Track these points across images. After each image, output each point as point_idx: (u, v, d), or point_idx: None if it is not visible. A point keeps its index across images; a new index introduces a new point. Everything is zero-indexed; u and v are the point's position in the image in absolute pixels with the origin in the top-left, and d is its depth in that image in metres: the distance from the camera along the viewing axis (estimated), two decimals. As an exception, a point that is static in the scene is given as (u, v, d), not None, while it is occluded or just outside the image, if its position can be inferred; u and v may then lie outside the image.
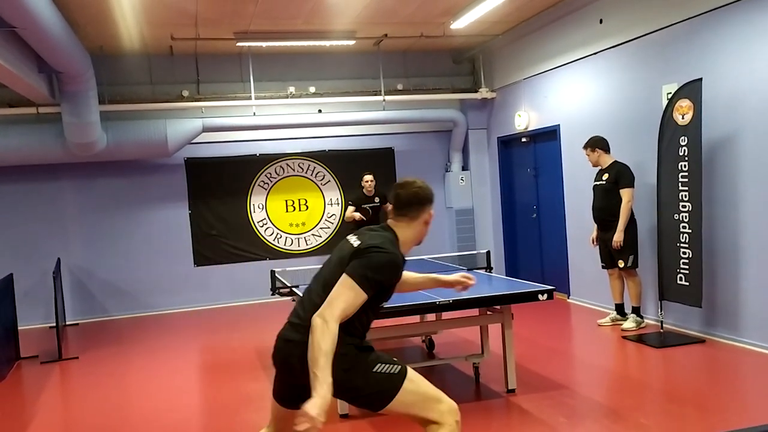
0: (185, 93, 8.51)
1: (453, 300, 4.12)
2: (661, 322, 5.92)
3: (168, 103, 8.36)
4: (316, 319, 2.40)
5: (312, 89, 8.99)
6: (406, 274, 3.01)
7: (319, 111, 9.09)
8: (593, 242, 6.51)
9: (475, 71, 9.64)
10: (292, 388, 2.59)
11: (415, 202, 2.71)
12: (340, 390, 2.48)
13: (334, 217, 9.49)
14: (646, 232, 6.19)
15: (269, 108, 8.77)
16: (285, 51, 8.75)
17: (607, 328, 6.39)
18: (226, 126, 8.59)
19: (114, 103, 8.10)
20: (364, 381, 2.53)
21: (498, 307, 4.54)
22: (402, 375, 2.56)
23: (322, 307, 2.45)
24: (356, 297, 2.48)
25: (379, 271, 2.52)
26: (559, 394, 4.51)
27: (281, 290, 5.06)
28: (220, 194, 8.99)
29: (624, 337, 5.95)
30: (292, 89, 8.90)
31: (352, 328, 2.54)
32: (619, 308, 6.48)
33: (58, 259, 7.93)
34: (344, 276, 2.51)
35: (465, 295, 4.25)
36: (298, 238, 9.38)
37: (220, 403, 4.86)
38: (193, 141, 8.57)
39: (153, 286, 8.69)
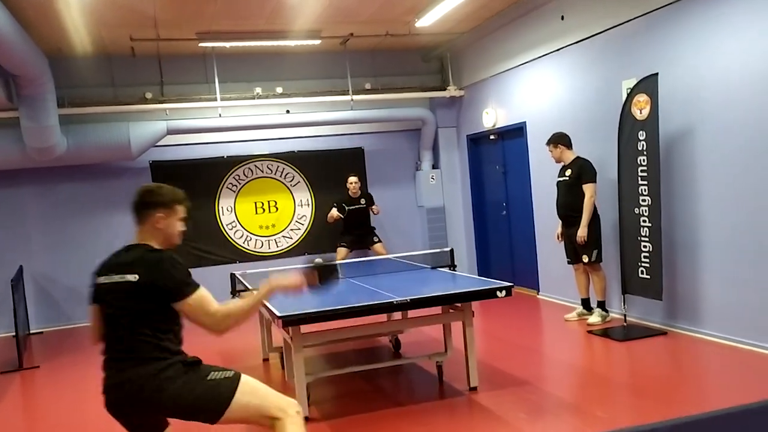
0: (148, 95, 8.39)
1: (411, 299, 4.09)
2: (625, 315, 5.96)
3: (130, 105, 8.24)
4: (217, 322, 2.69)
5: (279, 90, 8.92)
6: None
7: (287, 112, 9.03)
8: (558, 238, 6.53)
9: (444, 69, 9.64)
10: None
11: (142, 207, 2.80)
12: (176, 408, 2.53)
13: (304, 218, 9.42)
14: (609, 226, 6.22)
15: (235, 109, 8.69)
16: (250, 51, 8.67)
17: (573, 323, 6.42)
18: (191, 128, 8.49)
19: (74, 106, 7.96)
20: (200, 391, 2.53)
21: (459, 305, 4.53)
22: (236, 378, 2.59)
23: (213, 317, 2.67)
24: (206, 296, 2.71)
25: (187, 274, 2.71)
26: (521, 390, 4.51)
27: (242, 293, 4.99)
28: (187, 197, 8.86)
29: (589, 332, 5.97)
30: (258, 90, 8.82)
31: (170, 344, 2.61)
32: (585, 303, 6.51)
33: (20, 266, 7.78)
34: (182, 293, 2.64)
35: (424, 293, 4.25)
36: (269, 240, 9.30)
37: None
38: (158, 143, 8.46)
39: (120, 292, 8.53)
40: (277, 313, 3.91)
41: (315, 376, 4.71)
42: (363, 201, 8.75)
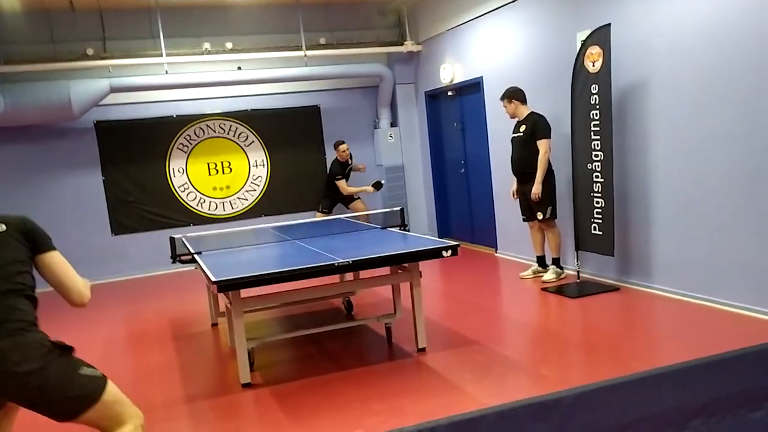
0: (90, 51, 7.98)
1: (353, 261, 3.95)
2: (578, 272, 5.92)
3: (71, 62, 7.83)
4: (83, 299, 2.64)
5: (229, 45, 8.56)
6: None
7: (239, 68, 8.69)
8: (513, 195, 6.43)
9: (401, 23, 9.35)
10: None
11: None
12: (36, 392, 2.27)
13: (260, 179, 9.18)
14: (564, 183, 6.13)
15: (183, 66, 8.34)
16: (198, 4, 8.28)
17: (528, 281, 6.37)
18: (136, 86, 8.12)
19: (11, 63, 7.55)
20: (68, 382, 2.33)
21: (406, 266, 4.41)
22: (104, 380, 2.44)
23: (72, 289, 2.58)
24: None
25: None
26: (470, 350, 4.44)
27: (182, 258, 4.80)
28: (135, 159, 8.56)
29: (544, 289, 5.93)
30: (207, 45, 8.46)
31: (36, 317, 2.45)
32: (541, 260, 6.46)
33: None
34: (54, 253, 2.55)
35: (367, 254, 4.12)
36: (223, 202, 9.06)
37: (119, 378, 4.62)
38: (102, 103, 8.10)
39: (68, 258, 8.23)
40: (212, 278, 3.74)
41: (260, 340, 4.58)
42: (350, 161, 8.59)
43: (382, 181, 8.62)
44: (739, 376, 1.67)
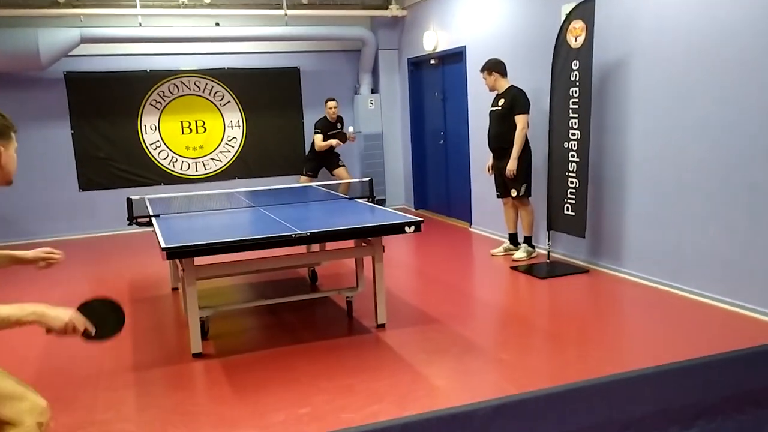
0: (60, -1, 7.66)
1: (310, 233, 3.81)
2: (548, 252, 5.83)
3: (40, 9, 7.50)
4: None
5: (207, 0, 8.25)
6: None
7: (217, 24, 8.40)
8: (488, 171, 6.29)
9: (387, -14, 9.07)
10: None
11: None
12: None
13: (234, 140, 8.96)
14: (540, 160, 5.99)
15: (158, 18, 8.04)
16: (174, -45, 7.94)
17: (499, 258, 6.27)
18: (108, 37, 7.81)
19: (-24, 7, 7.22)
20: None
21: (370, 239, 4.28)
22: None
23: None
24: None
25: None
26: (429, 329, 4.34)
27: (139, 220, 4.63)
28: (106, 113, 8.30)
29: (513, 268, 5.83)
30: (184, -1, 8.15)
31: None
32: (513, 238, 6.35)
33: None
34: None
35: (327, 226, 3.98)
36: (196, 163, 8.85)
37: (69, 343, 4.48)
38: (73, 53, 7.80)
39: (34, 213, 8.06)
40: (162, 244, 3.58)
41: (215, 309, 4.45)
42: (339, 125, 8.31)
43: (347, 131, 8.24)
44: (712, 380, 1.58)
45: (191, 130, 8.76)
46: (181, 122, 8.68)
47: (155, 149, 8.60)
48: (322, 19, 8.66)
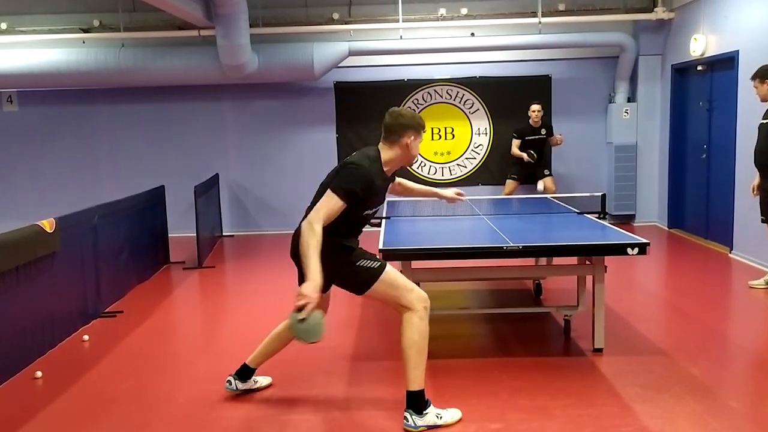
0: (335, 16, 8.53)
1: (522, 246, 3.75)
2: (821, 293, 4.93)
3: (317, 26, 8.46)
4: (304, 223, 3.03)
5: (464, 11, 8.52)
6: (409, 184, 3.79)
7: (472, 34, 8.63)
8: (753, 191, 5.54)
9: (654, -13, 8.44)
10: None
11: (395, 128, 3.21)
12: (329, 275, 3.05)
13: (481, 147, 9.12)
14: (820, 183, 5.10)
15: (418, 31, 8.52)
16: (437, -30, 8.35)
17: (759, 291, 5.50)
18: (371, 50, 8.50)
19: (268, 26, 8.39)
20: (348, 270, 3.16)
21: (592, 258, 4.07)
22: (380, 269, 3.14)
23: (310, 213, 3.05)
24: (334, 204, 3.04)
25: (349, 183, 3.06)
26: (651, 361, 3.98)
27: (372, 221, 4.98)
28: (365, 119, 9.02)
29: (775, 305, 5.07)
30: (442, 11, 8.52)
31: (338, 230, 3.12)
32: (778, 271, 5.51)
33: (216, 174, 8.63)
34: (328, 188, 3.09)
35: (540, 242, 3.90)
36: (443, 168, 9.20)
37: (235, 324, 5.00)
38: (342, 65, 8.63)
39: (299, 206, 9.08)
40: (379, 245, 3.84)
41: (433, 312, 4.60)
42: (543, 131, 8.24)
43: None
44: None
45: (440, 136, 9.12)
46: (432, 128, 9.08)
47: (406, 153, 9.11)
48: (578, 25, 8.39)
